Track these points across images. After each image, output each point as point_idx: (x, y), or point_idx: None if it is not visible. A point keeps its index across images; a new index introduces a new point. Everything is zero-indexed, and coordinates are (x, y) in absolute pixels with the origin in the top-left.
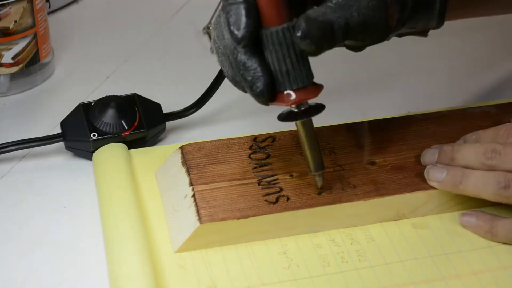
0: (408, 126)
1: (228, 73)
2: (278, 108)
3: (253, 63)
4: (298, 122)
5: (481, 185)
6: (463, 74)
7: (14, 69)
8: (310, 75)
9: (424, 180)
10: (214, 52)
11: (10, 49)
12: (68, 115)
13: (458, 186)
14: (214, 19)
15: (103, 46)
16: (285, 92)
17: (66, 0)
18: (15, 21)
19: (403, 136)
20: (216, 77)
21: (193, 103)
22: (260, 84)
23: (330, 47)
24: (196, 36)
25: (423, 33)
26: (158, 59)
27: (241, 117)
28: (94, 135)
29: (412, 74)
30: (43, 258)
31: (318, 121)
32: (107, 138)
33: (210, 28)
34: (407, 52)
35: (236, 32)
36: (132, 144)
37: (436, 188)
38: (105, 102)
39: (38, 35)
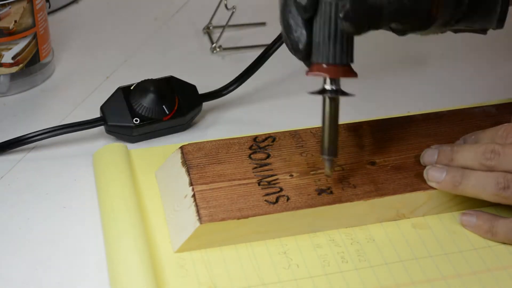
0: (408, 126)
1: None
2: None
3: (297, 24)
4: (326, 98)
5: (480, 185)
6: (463, 74)
7: (14, 69)
8: (343, 56)
9: (424, 180)
10: (215, 51)
11: (10, 49)
12: (108, 99)
13: (457, 187)
14: None
15: (103, 46)
16: (315, 62)
17: (66, 0)
18: (15, 21)
19: (403, 136)
20: (256, 59)
21: (228, 83)
22: (300, 44)
23: (372, 29)
24: (196, 36)
25: (482, 31)
26: (158, 59)
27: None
28: (136, 121)
29: (412, 74)
30: (43, 258)
31: (319, 121)
32: (148, 123)
33: (210, 28)
34: (407, 52)
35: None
36: (170, 128)
37: (436, 188)
38: (145, 86)
39: (38, 35)
